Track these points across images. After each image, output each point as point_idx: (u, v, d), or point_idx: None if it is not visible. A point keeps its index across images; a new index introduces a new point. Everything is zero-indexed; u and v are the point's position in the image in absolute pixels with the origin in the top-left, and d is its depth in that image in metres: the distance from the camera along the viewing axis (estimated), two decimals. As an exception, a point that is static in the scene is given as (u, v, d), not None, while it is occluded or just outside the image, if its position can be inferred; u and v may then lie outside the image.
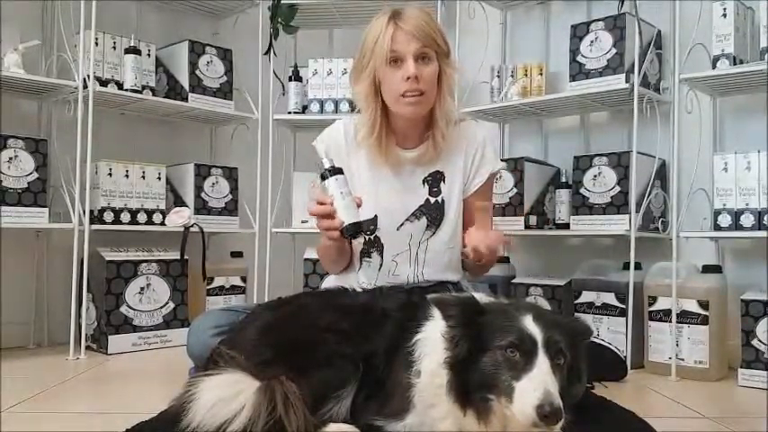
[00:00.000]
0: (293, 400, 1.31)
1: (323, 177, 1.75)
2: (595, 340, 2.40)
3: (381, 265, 1.94)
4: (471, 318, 1.31)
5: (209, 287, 3.06)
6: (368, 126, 1.90)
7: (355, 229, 1.71)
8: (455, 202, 1.97)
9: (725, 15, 2.38)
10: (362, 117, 1.92)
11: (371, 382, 1.45)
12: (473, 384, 1.26)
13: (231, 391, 1.32)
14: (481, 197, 1.97)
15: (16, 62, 2.53)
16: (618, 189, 2.63)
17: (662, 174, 2.71)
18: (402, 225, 1.94)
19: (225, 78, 3.15)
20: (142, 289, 2.78)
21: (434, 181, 1.96)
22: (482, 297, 1.49)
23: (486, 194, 2.03)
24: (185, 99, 3.02)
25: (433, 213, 1.94)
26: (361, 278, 1.95)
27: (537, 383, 1.17)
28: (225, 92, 3.15)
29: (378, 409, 1.41)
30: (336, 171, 1.73)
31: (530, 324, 1.25)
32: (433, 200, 1.95)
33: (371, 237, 1.94)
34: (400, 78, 1.80)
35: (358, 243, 1.95)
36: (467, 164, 1.99)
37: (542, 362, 1.20)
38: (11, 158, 2.50)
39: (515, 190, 2.86)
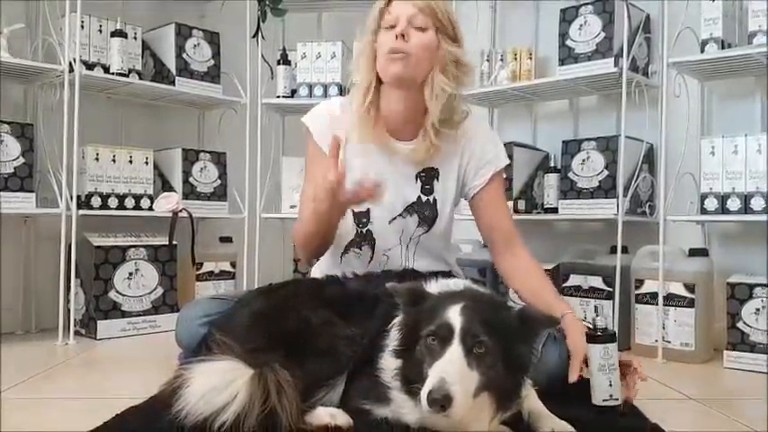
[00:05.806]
0: (286, 388, 1.31)
1: (592, 339, 1.56)
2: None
3: (372, 259, 1.89)
4: (413, 305, 1.33)
5: (198, 272, 3.05)
6: (360, 92, 1.81)
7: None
8: (449, 201, 1.89)
9: (713, -1, 2.39)
10: (356, 81, 1.84)
11: (362, 364, 1.45)
12: (414, 373, 1.27)
13: (224, 379, 1.31)
14: (490, 198, 1.92)
15: (2, 46, 2.49)
16: (606, 173, 2.64)
17: (650, 158, 2.72)
18: (394, 219, 1.86)
19: (212, 62, 3.12)
20: (131, 274, 2.77)
21: (428, 178, 1.87)
22: (462, 283, 1.51)
23: (495, 197, 1.94)
24: (172, 83, 2.99)
25: (424, 212, 1.87)
26: (350, 270, 1.84)
27: (436, 371, 1.18)
28: (212, 75, 3.12)
29: (365, 392, 1.41)
30: (611, 338, 1.56)
31: (453, 313, 1.24)
32: (424, 198, 1.87)
33: (363, 230, 1.87)
34: (390, 39, 1.74)
35: (347, 233, 1.87)
36: (462, 162, 1.90)
37: (453, 350, 1.21)
38: (-4, 143, 2.48)
39: (504, 174, 2.86)
